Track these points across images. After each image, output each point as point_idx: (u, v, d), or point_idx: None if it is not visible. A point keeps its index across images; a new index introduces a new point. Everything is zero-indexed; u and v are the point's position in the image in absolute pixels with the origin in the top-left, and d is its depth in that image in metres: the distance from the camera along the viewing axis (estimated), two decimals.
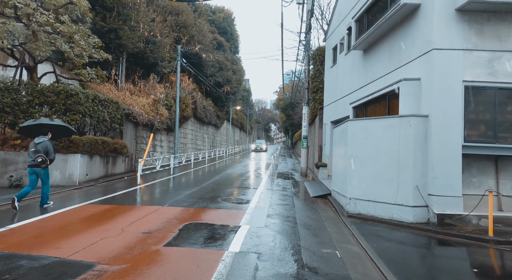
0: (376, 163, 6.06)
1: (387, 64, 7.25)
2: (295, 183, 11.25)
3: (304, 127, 13.92)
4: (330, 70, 11.77)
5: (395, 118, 5.86)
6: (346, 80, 10.02)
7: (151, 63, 16.79)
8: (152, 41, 16.63)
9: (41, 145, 5.98)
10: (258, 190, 9.26)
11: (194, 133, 22.45)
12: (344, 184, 6.80)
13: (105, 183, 9.77)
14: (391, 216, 5.78)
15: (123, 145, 11.61)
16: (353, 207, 6.36)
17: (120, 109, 11.78)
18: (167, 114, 15.62)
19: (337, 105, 10.85)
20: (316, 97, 12.96)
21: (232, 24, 38.17)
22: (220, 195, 8.13)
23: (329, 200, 8.03)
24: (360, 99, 8.11)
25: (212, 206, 6.78)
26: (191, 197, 7.70)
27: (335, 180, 7.92)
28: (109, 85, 13.22)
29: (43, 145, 6.00)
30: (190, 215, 5.84)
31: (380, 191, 5.95)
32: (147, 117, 13.55)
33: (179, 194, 8.14)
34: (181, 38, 21.55)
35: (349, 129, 6.60)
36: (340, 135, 7.51)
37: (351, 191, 6.42)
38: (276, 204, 7.30)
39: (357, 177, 6.36)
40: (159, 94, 15.49)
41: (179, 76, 16.43)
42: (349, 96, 9.58)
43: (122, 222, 5.21)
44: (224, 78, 28.76)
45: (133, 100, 13.34)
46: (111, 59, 10.43)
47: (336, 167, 7.84)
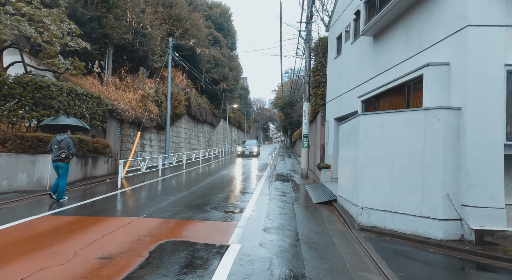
0: (394, 165, 5.02)
1: (403, 50, 6.20)
2: (295, 186, 10.20)
3: (305, 125, 12.87)
4: (334, 62, 10.72)
5: (418, 111, 4.81)
6: (352, 71, 8.97)
7: (140, 57, 15.67)
8: (142, 33, 15.50)
9: (63, 142, 6.65)
10: (254, 194, 8.20)
11: (188, 132, 21.35)
12: (354, 190, 5.75)
13: (81, 187, 8.68)
14: (415, 230, 4.73)
15: (105, 144, 10.51)
16: (366, 218, 5.31)
17: (102, 105, 10.67)
18: (157, 111, 14.52)
19: (341, 100, 9.80)
20: (318, 92, 11.91)
21: (229, 20, 37.03)
22: (210, 202, 7.06)
23: (335, 208, 6.99)
24: (371, 92, 7.06)
25: (199, 216, 5.71)
26: (175, 205, 6.63)
27: (342, 185, 6.88)
28: (92, 79, 12.11)
29: (65, 141, 6.68)
30: (168, 230, 4.77)
31: (400, 200, 4.91)
32: (134, 114, 12.44)
33: (162, 200, 7.07)
34: (174, 32, 20.41)
35: (360, 125, 5.55)
36: (348, 133, 6.46)
37: (364, 199, 5.38)
38: (274, 213, 6.24)
39: (371, 182, 5.32)
40: (148, 90, 14.38)
41: (171, 70, 15.33)
42: (356, 89, 8.53)
43: (80, 241, 4.13)
44: (221, 75, 27.67)
45: (119, 96, 12.24)
46: (90, 48, 9.32)
47: (343, 170, 6.79)
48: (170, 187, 9.27)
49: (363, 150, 5.50)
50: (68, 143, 6.68)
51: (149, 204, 6.69)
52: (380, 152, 5.25)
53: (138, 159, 11.65)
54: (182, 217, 5.62)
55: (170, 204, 6.68)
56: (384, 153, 5.18)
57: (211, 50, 26.31)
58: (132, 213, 5.75)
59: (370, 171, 5.36)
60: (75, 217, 5.42)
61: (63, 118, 7.11)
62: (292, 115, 34.83)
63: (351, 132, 6.18)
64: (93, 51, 11.97)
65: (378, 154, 5.26)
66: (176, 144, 18.82)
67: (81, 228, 4.76)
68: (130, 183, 9.83)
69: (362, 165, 5.49)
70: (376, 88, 6.72)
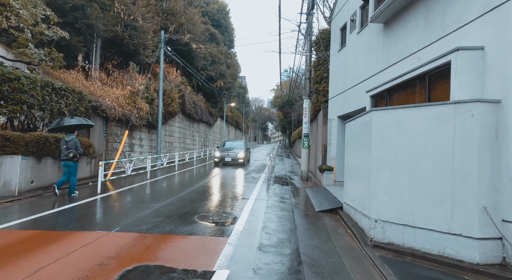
0: (416, 170, 4.17)
1: (422, 36, 5.36)
2: (295, 190, 9.34)
3: (305, 123, 12.02)
4: (337, 55, 9.88)
5: (446, 105, 3.97)
6: (358, 64, 8.12)
7: (130, 51, 14.76)
8: (132, 26, 14.60)
9: (71, 142, 7.06)
10: (250, 200, 7.34)
11: (182, 131, 20.46)
12: (365, 199, 4.90)
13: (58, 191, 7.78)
14: (442, 250, 3.89)
15: (88, 144, 9.61)
16: (381, 233, 4.47)
17: (85, 101, 9.77)
18: (147, 109, 13.62)
19: (346, 96, 8.96)
20: (320, 88, 11.07)
21: (227, 17, 36.14)
22: (199, 210, 6.20)
23: (340, 217, 6.14)
24: (382, 85, 6.21)
25: (182, 229, 4.84)
26: (158, 214, 5.76)
27: (349, 191, 6.03)
28: (75, 73, 11.21)
29: (73, 142, 7.09)
30: (142, 249, 3.90)
31: (424, 212, 4.07)
32: (121, 112, 11.55)
33: (144, 208, 6.19)
34: (168, 26, 19.50)
35: (373, 123, 4.71)
36: (357, 132, 5.62)
37: (378, 210, 4.54)
38: (272, 225, 5.38)
39: (387, 190, 4.47)
40: (138, 86, 13.48)
41: (163, 66, 14.45)
42: (363, 83, 7.69)
43: (24, 268, 3.26)
44: (217, 72, 26.78)
45: (105, 92, 11.34)
46: (69, 38, 8.41)
47: (350, 174, 5.95)
48: (156, 192, 8.40)
49: (377, 152, 4.65)
50: (76, 143, 7.14)
51: (128, 213, 5.81)
52: (397, 154, 4.40)
53: (124, 160, 10.76)
54: (162, 230, 4.75)
55: (152, 213, 5.80)
56: (403, 156, 4.33)
57: (207, 47, 25.42)
58: (104, 226, 4.87)
59: (385, 176, 4.52)
60: (33, 231, 4.54)
61: (68, 120, 7.35)
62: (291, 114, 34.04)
63: (361, 131, 5.34)
64: (76, 43, 11.07)
65: (395, 157, 4.42)
66: (169, 144, 17.93)
67: (34, 247, 3.88)
68: (113, 187, 8.94)
69: (375, 169, 4.64)
70: (389, 81, 5.88)
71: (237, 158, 16.12)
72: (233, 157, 16.09)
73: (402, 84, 5.57)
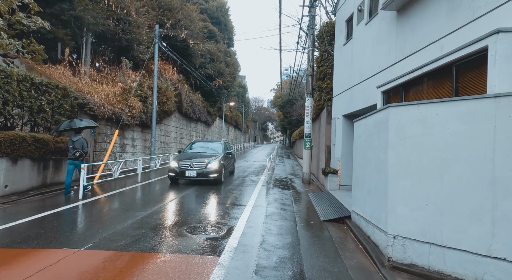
0: (444, 178, 3.47)
1: (444, 21, 4.65)
2: (297, 195, 8.63)
3: (307, 123, 11.30)
4: (343, 49, 9.16)
5: (484, 99, 3.26)
6: (367, 58, 7.41)
7: (123, 47, 14.05)
8: (126, 20, 13.89)
9: (77, 142, 7.32)
10: (247, 208, 6.63)
11: (179, 131, 19.74)
12: (380, 210, 4.19)
13: (37, 197, 7.08)
14: (481, 277, 3.18)
15: None
16: (401, 251, 3.76)
17: (70, 98, 9.06)
18: (140, 107, 12.90)
19: (353, 93, 8.25)
20: (323, 85, 10.37)
21: (227, 14, 35.44)
22: (189, 220, 5.48)
23: (349, 228, 5.43)
24: (396, 80, 5.50)
25: (167, 245, 4.13)
26: (142, 225, 5.04)
27: (359, 199, 5.32)
28: (62, 68, 10.49)
29: (79, 142, 7.35)
30: (112, 275, 3.18)
31: (455, 229, 3.36)
32: (111, 110, 10.83)
33: (126, 218, 5.48)
34: (164, 22, 18.77)
35: (391, 121, 4.00)
36: (369, 132, 4.91)
37: (396, 224, 3.83)
38: (272, 238, 4.67)
39: (408, 200, 3.76)
40: (130, 83, 12.76)
41: (157, 62, 13.73)
42: (373, 78, 6.98)
43: None
44: (216, 70, 26.06)
45: (93, 88, 10.62)
46: (48, 28, 7.69)
47: (361, 179, 5.24)
48: (144, 197, 7.68)
49: (395, 155, 3.94)
50: (82, 143, 7.41)
51: (107, 223, 5.09)
52: (421, 158, 3.69)
53: (111, 162, 10.04)
54: (143, 247, 4.04)
55: (135, 224, 5.09)
56: (428, 160, 3.62)
57: (206, 44, 24.70)
58: (74, 241, 4.15)
59: (405, 184, 3.81)
60: None
61: (79, 122, 7.66)
62: (291, 114, 33.33)
63: (374, 131, 4.63)
64: (63, 36, 10.36)
65: (418, 161, 3.71)
66: (165, 144, 17.22)
67: None
68: (98, 191, 8.23)
69: (393, 176, 3.94)
70: (404, 74, 5.16)
71: (207, 172, 9.20)
72: (200, 169, 9.23)
73: (421, 78, 4.86)
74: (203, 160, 9.37)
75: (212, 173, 9.19)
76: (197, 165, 9.22)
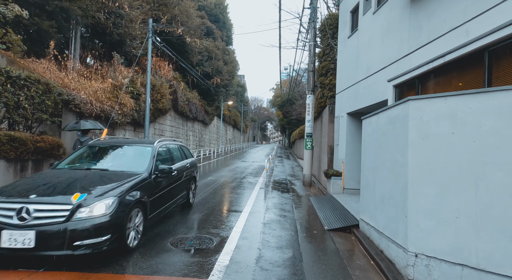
0: (480, 185, 2.84)
1: (470, 3, 4.01)
2: (298, 200, 7.99)
3: (308, 122, 10.67)
4: (347, 42, 8.53)
5: None
6: (374, 50, 6.78)
7: (115, 41, 13.38)
8: (118, 13, 13.22)
9: (85, 143, 6.93)
10: (243, 215, 5.99)
11: (174, 130, 19.08)
12: (397, 221, 3.57)
13: None
14: None
15: (55, 144, 8.23)
16: (425, 273, 3.13)
17: (53, 94, 8.38)
18: (132, 105, 12.23)
19: (358, 89, 7.62)
20: (325, 81, 9.74)
21: (225, 12, 34.80)
22: (176, 230, 4.84)
23: (357, 238, 4.80)
24: (411, 71, 4.87)
25: (145, 263, 3.48)
26: None
27: (369, 206, 4.69)
28: (46, 62, 9.82)
29: (87, 142, 6.70)
30: None
31: (496, 249, 2.73)
32: (100, 107, 10.17)
33: None
34: (160, 17, 18.11)
35: (411, 117, 3.37)
36: (381, 130, 4.28)
37: (418, 239, 3.20)
38: (270, 254, 4.03)
39: (433, 212, 3.14)
40: (121, 79, 12.09)
41: (151, 57, 13.06)
42: (381, 72, 6.35)
43: None
44: (214, 68, 25.39)
45: (80, 84, 9.96)
46: (26, 16, 7.04)
47: (371, 184, 4.60)
48: None
49: (417, 158, 3.31)
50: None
51: None
52: (449, 161, 3.07)
53: None
54: (116, 266, 3.39)
55: None
56: (459, 164, 3.00)
57: (203, 41, 24.05)
58: (33, 260, 3.50)
59: (430, 192, 3.18)
60: None
61: (84, 123, 7.79)
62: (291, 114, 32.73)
63: (389, 129, 4.00)
64: (48, 29, 9.69)
65: (446, 165, 3.08)
66: None
67: None
68: None
69: (414, 182, 3.31)
70: (422, 65, 4.53)
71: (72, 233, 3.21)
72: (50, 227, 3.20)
73: (443, 67, 4.23)
74: (67, 198, 3.41)
75: (86, 234, 3.25)
76: (41, 213, 3.26)
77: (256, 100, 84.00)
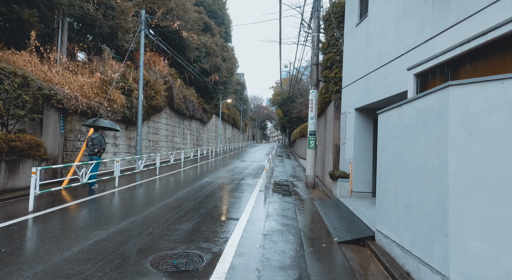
0: None
1: None
2: (301, 204, 7.25)
3: (311, 119, 9.92)
4: (355, 30, 7.78)
5: None
6: (388, 36, 6.03)
7: (106, 34, 12.61)
8: (109, 4, 12.45)
9: (96, 139, 7.97)
10: (239, 223, 5.25)
11: (170, 129, 18.32)
12: (433, 239, 2.83)
13: None
14: None
15: (34, 143, 7.50)
16: None
17: (32, 88, 7.64)
18: (123, 101, 11.47)
19: (368, 81, 6.87)
20: (330, 75, 8.99)
21: (224, 8, 33.98)
22: (159, 245, 4.09)
23: (373, 254, 4.06)
24: (438, 56, 4.12)
25: None
26: (92, 254, 3.65)
27: (388, 216, 3.94)
28: (27, 54, 9.06)
29: (98, 139, 8.00)
30: None
31: None
32: (86, 103, 9.41)
33: (75, 242, 4.08)
34: (155, 10, 17.33)
35: (453, 107, 2.63)
36: (406, 126, 3.54)
37: (465, 266, 2.46)
38: (271, 275, 3.28)
39: (486, 231, 2.40)
40: (111, 73, 11.33)
41: (143, 50, 12.29)
42: (397, 61, 5.59)
43: None
44: (212, 65, 24.60)
45: (65, 78, 9.20)
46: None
47: (392, 190, 3.86)
48: (112, 209, 6.27)
49: (461, 160, 2.57)
50: (100, 140, 8.00)
51: (44, 252, 3.69)
52: (510, 165, 2.32)
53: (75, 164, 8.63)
54: None
55: (84, 252, 3.70)
56: None
57: (201, 37, 23.26)
58: None
59: (481, 206, 2.44)
60: None
61: (102, 121, 8.26)
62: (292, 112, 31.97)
63: (416, 125, 3.26)
64: (29, 18, 8.91)
65: (504, 169, 2.34)
66: (154, 143, 15.80)
67: None
68: (60, 200, 6.84)
69: (457, 192, 2.56)
70: (455, 46, 3.77)
71: None
72: None
73: (482, 49, 3.48)
74: None
75: None
76: None
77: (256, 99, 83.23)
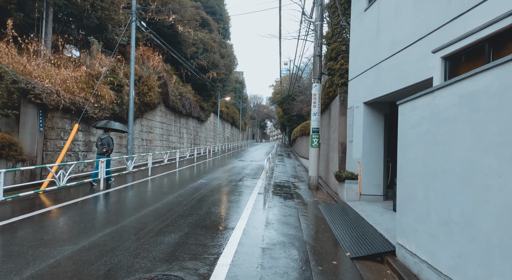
0: None
1: None
2: (304, 209, 6.52)
3: (314, 115, 9.18)
4: (363, 16, 7.03)
5: None
6: (405, 18, 5.28)
7: (94, 26, 11.84)
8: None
9: (105, 140, 8.34)
10: (234, 235, 4.50)
11: (165, 127, 17.57)
12: (492, 270, 2.08)
13: None
14: None
15: (8, 142, 6.75)
16: None
17: (5, 81, 6.88)
18: (112, 97, 10.72)
19: (379, 71, 6.12)
20: (335, 66, 8.24)
21: (222, 4, 33.17)
22: (136, 263, 3.35)
23: (395, 273, 3.32)
24: (476, 33, 3.37)
25: None
26: (53, 276, 2.91)
27: (415, 228, 3.21)
28: (3, 44, 8.30)
29: (106, 140, 8.37)
30: None
31: None
32: (70, 99, 8.66)
33: (39, 258, 3.34)
34: (149, 4, 16.59)
35: None
36: (441, 118, 2.81)
37: None
38: None
39: None
40: (99, 67, 10.57)
41: (134, 43, 11.54)
42: (417, 44, 4.84)
43: None
44: (210, 61, 23.84)
45: (45, 71, 8.45)
46: None
47: (420, 197, 3.13)
48: (89, 218, 5.53)
49: None
50: (108, 141, 8.35)
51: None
52: None
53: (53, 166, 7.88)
54: None
55: (46, 272, 2.95)
56: None
57: (198, 33, 22.48)
58: None
59: None
60: None
61: (113, 123, 8.65)
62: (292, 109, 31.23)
63: (460, 115, 2.53)
64: (5, 5, 8.15)
65: None
66: (148, 142, 15.05)
67: None
68: (39, 204, 6.09)
69: None
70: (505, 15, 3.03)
71: None
72: None
73: None
74: None
75: None
76: None
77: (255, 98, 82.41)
